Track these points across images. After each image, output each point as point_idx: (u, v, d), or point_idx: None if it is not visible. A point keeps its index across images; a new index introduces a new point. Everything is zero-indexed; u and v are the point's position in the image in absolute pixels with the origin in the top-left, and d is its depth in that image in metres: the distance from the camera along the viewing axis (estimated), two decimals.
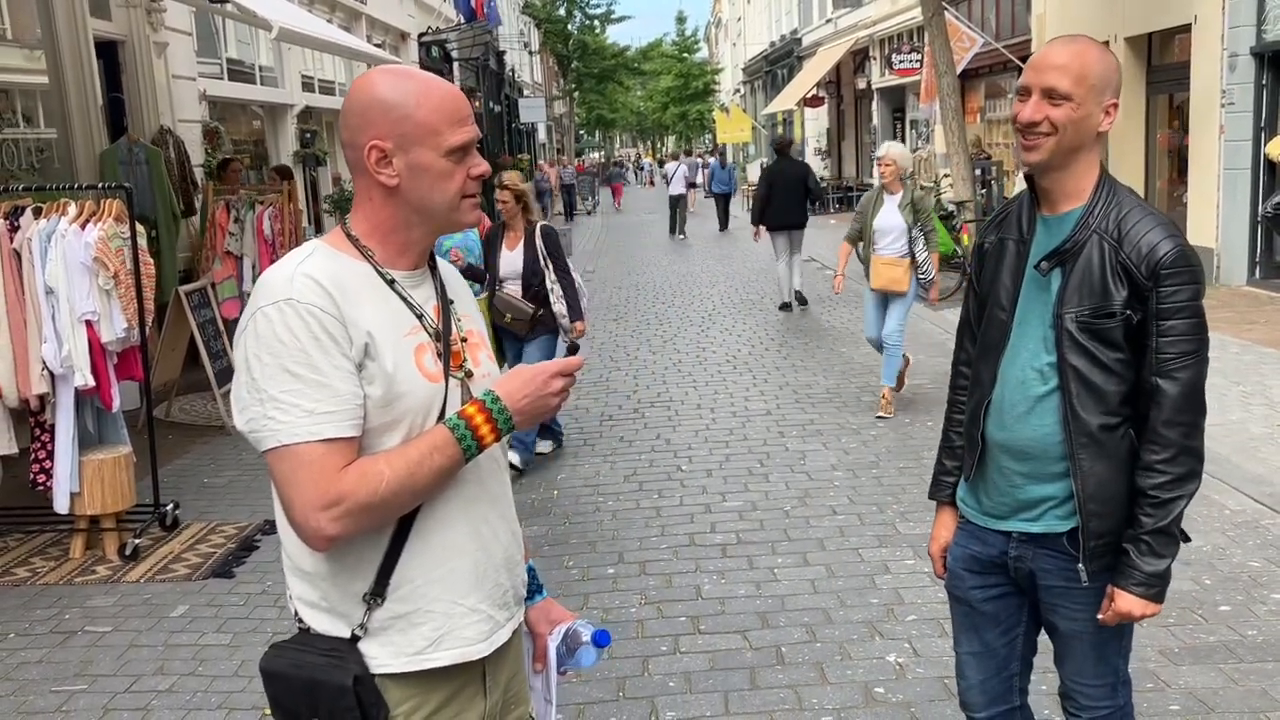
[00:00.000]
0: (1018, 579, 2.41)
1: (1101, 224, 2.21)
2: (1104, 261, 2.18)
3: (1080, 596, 2.32)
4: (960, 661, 2.57)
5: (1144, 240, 2.16)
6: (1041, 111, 2.17)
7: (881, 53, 25.67)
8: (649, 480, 6.43)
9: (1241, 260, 11.90)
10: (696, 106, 58.83)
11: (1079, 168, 2.24)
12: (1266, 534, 5.03)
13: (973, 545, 2.46)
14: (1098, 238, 2.20)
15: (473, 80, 25.99)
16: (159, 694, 4.04)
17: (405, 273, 1.84)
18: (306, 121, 14.71)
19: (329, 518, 1.65)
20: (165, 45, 9.71)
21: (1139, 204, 2.25)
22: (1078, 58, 2.17)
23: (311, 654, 1.77)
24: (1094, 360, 2.20)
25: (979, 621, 2.50)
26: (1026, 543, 2.35)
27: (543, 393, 1.80)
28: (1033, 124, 2.18)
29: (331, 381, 1.67)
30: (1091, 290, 2.19)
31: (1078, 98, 2.15)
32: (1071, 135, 2.18)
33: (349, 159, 1.82)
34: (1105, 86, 2.19)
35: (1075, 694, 2.43)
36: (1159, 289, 2.14)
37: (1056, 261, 2.23)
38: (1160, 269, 2.14)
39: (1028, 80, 2.21)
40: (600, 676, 3.99)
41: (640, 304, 13.92)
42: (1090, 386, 2.21)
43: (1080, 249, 2.21)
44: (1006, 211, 2.42)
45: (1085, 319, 2.19)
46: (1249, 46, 11.53)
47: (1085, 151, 2.22)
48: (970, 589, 2.48)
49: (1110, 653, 2.39)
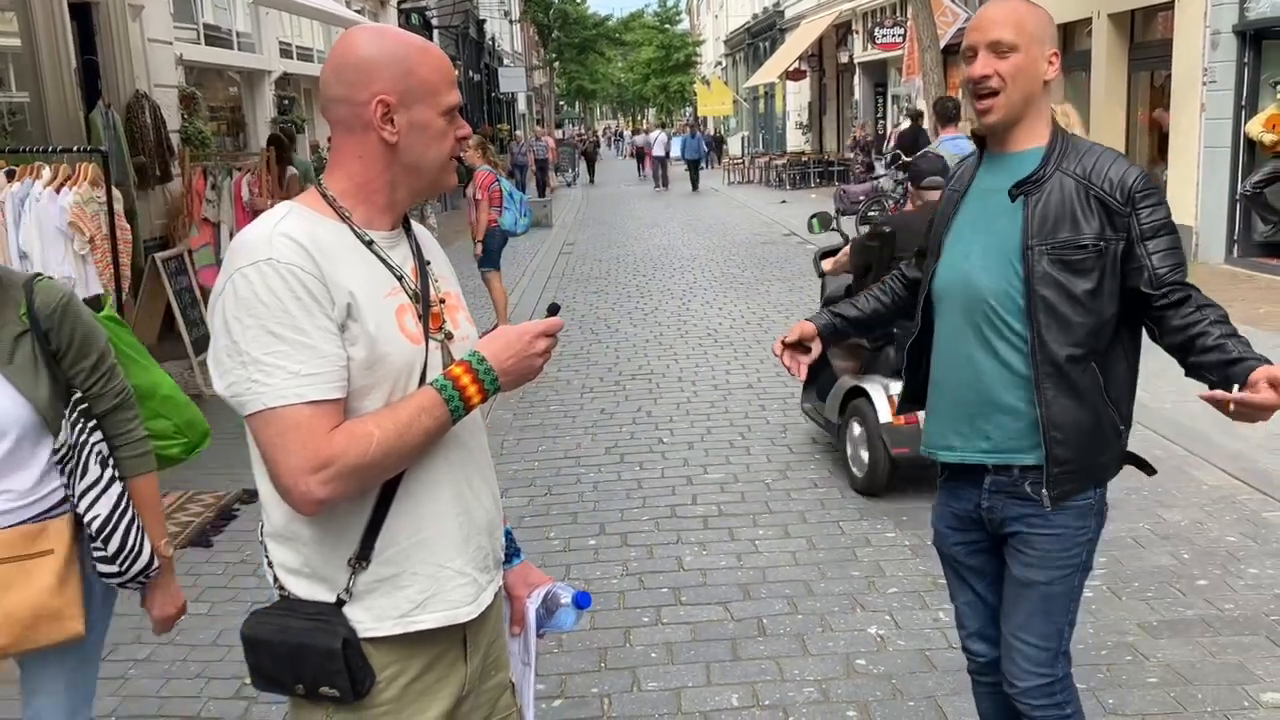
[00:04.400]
0: (992, 530, 2.48)
1: (1063, 163, 2.31)
2: (1072, 196, 2.28)
3: (1039, 542, 2.39)
4: (959, 611, 2.68)
5: (1111, 171, 2.28)
6: (990, 65, 2.27)
7: (864, 27, 25.59)
8: (630, 452, 6.42)
9: (1220, 238, 11.95)
10: (678, 78, 58.62)
11: (1030, 117, 2.33)
12: (1243, 509, 5.07)
13: (951, 503, 2.56)
14: (1061, 175, 2.30)
15: (452, 48, 25.75)
16: (136, 663, 4.00)
17: (383, 233, 1.81)
18: (284, 88, 14.53)
19: (318, 480, 1.62)
20: (140, 8, 9.54)
21: (1092, 144, 2.37)
22: (1013, 11, 2.29)
23: (296, 619, 1.75)
24: (1063, 291, 2.28)
25: (966, 575, 2.61)
26: (996, 493, 2.42)
27: (527, 353, 1.78)
28: (984, 78, 2.28)
29: (316, 342, 1.64)
30: (1060, 222, 2.28)
31: (1022, 46, 2.26)
32: (1021, 85, 2.28)
33: (339, 115, 1.78)
34: (1044, 36, 2.31)
35: (1016, 655, 2.45)
36: (1138, 211, 2.26)
37: (1021, 191, 2.31)
38: (1134, 193, 2.26)
39: (971, 40, 2.32)
40: (582, 647, 3.99)
41: (621, 277, 13.87)
42: (1058, 317, 2.28)
43: (1045, 181, 2.30)
44: (960, 168, 2.56)
45: (1056, 251, 2.27)
46: (1231, 24, 11.54)
47: (1035, 102, 2.32)
48: (953, 545, 2.59)
49: (1057, 610, 2.43)
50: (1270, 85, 11.22)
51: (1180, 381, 2.41)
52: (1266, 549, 4.62)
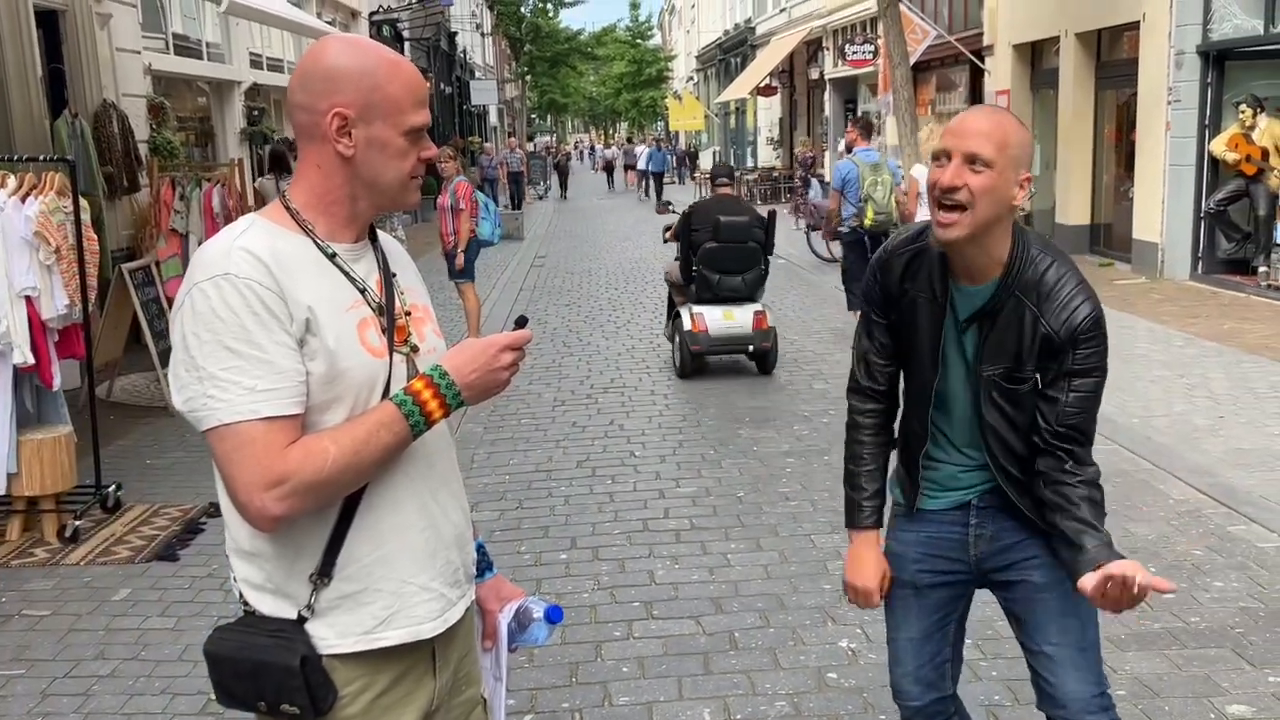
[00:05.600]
0: (976, 554, 2.41)
1: (1021, 286, 2.22)
2: (1023, 324, 2.22)
3: (1046, 544, 2.31)
4: (899, 649, 2.56)
5: (1064, 308, 2.20)
6: (962, 177, 2.13)
7: (835, 43, 25.77)
8: (602, 466, 6.41)
9: (1185, 255, 12.11)
10: (650, 93, 58.72)
11: (993, 240, 2.21)
12: (1209, 523, 5.13)
13: (927, 528, 2.46)
14: (1017, 300, 2.22)
15: (424, 60, 25.72)
16: (100, 679, 3.94)
17: (347, 246, 1.79)
18: (254, 99, 14.45)
19: (274, 497, 1.61)
20: (109, 17, 9.48)
21: (1055, 262, 2.25)
22: (999, 127, 2.16)
23: (257, 636, 1.73)
24: (1008, 421, 2.28)
25: (923, 606, 2.49)
26: (986, 509, 2.38)
27: (491, 366, 1.76)
28: (953, 189, 2.14)
29: (272, 358, 1.62)
30: (1005, 352, 2.25)
31: (999, 166, 2.13)
32: (988, 206, 2.14)
33: (300, 123, 1.76)
34: (1022, 159, 2.19)
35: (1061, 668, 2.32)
36: (1076, 351, 2.20)
37: (974, 321, 2.27)
38: (1079, 334, 2.19)
39: (948, 144, 2.17)
40: (553, 661, 3.96)
41: (593, 289, 13.87)
42: (1003, 442, 2.30)
43: (999, 311, 2.24)
44: (913, 259, 2.33)
45: (1000, 381, 2.26)
46: (1195, 45, 11.72)
47: (1000, 224, 2.20)
48: (918, 572, 2.48)
49: (1085, 611, 2.32)
50: (1233, 105, 11.40)
51: (1145, 397, 2.46)
52: (1231, 562, 4.67)
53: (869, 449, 2.50)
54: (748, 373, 8.72)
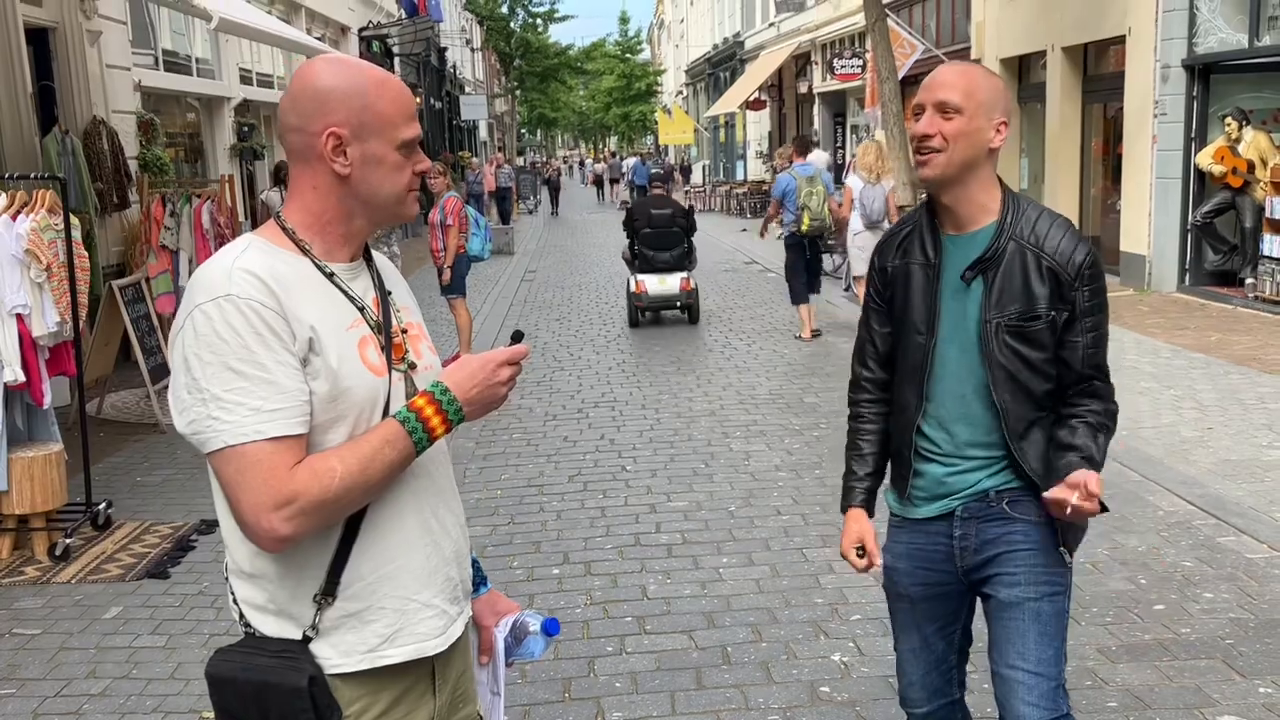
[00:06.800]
0: (962, 565, 2.44)
1: (1017, 232, 2.33)
2: (1027, 267, 2.31)
3: (1022, 558, 2.38)
4: (901, 658, 2.60)
5: (1063, 244, 2.32)
6: (934, 125, 2.28)
7: (823, 57, 25.90)
8: (594, 480, 6.41)
9: (1172, 267, 12.18)
10: (639, 107, 58.89)
11: (977, 184, 2.34)
12: (1198, 534, 5.15)
13: (916, 539, 2.50)
14: (1016, 245, 2.32)
15: (414, 76, 25.75)
16: (91, 698, 3.93)
17: (343, 265, 1.81)
18: (244, 114, 14.46)
19: (281, 518, 1.61)
20: (99, 34, 9.48)
21: (1044, 211, 2.39)
22: (965, 75, 2.32)
23: (261, 657, 1.73)
24: (1024, 361, 2.33)
25: (919, 616, 2.53)
26: (969, 519, 2.41)
27: (491, 382, 1.78)
28: (926, 136, 2.29)
29: (277, 378, 1.63)
30: (1015, 294, 2.32)
31: (968, 111, 2.27)
32: (963, 148, 2.28)
33: (294, 145, 1.77)
34: (994, 104, 2.31)
35: (1016, 690, 2.35)
36: (1084, 289, 2.32)
37: (979, 270, 2.33)
38: (1083, 270, 2.32)
39: (921, 98, 2.33)
40: (546, 677, 3.96)
41: (583, 304, 13.89)
42: (1020, 387, 2.34)
43: (1001, 256, 2.32)
44: (906, 234, 2.47)
45: (1014, 323, 2.32)
46: (1180, 58, 11.81)
47: (980, 168, 2.32)
48: (911, 585, 2.52)
49: (1050, 631, 2.36)
50: (1218, 118, 11.49)
51: (1134, 409, 2.49)
52: (1221, 573, 4.69)
53: (866, 438, 2.60)
54: (739, 387, 8.73)
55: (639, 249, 11.67)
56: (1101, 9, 13.08)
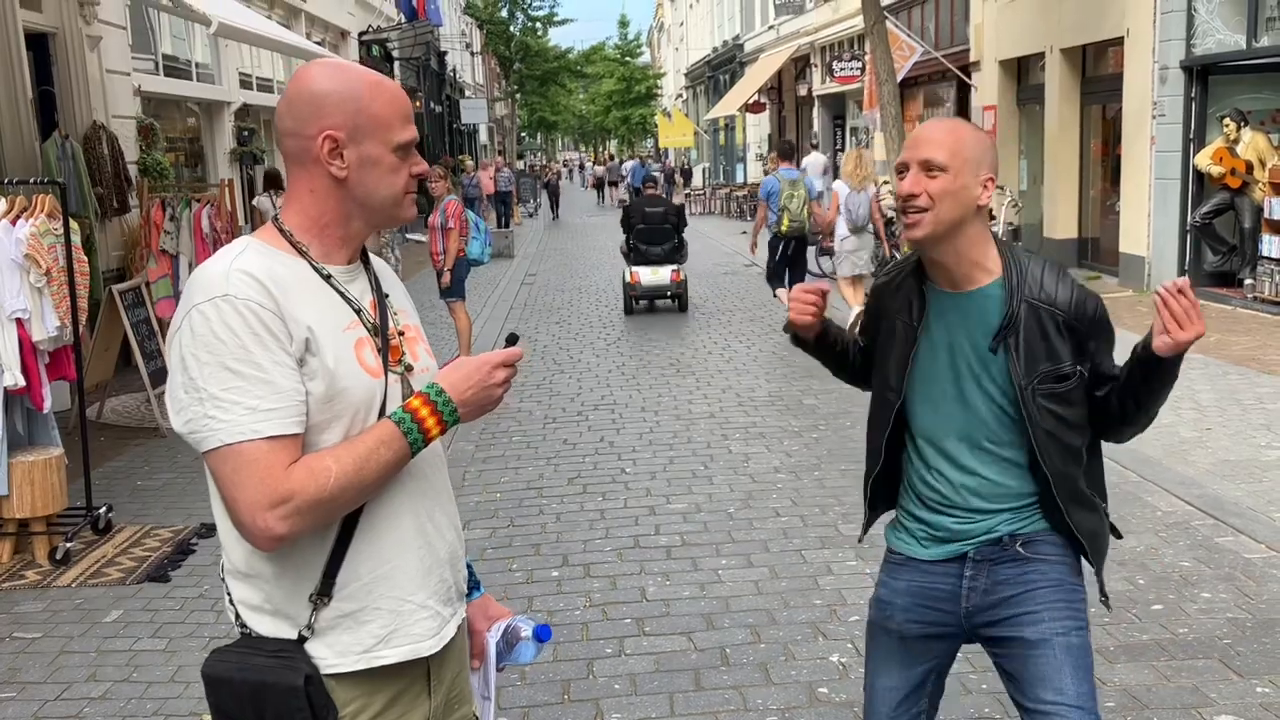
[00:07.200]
0: (968, 605, 2.37)
1: (1027, 292, 2.28)
2: (1044, 325, 2.27)
3: (1042, 595, 2.31)
4: (874, 694, 2.50)
5: (1076, 298, 2.30)
6: (920, 184, 2.23)
7: (823, 60, 25.92)
8: (593, 483, 6.42)
9: (1172, 268, 12.18)
10: (639, 110, 58.91)
11: (968, 241, 2.28)
12: (1196, 535, 5.16)
13: (917, 578, 2.42)
14: (1030, 306, 2.27)
15: (414, 80, 25.79)
16: (91, 701, 3.94)
17: (341, 267, 1.82)
18: (244, 119, 14.48)
19: (277, 516, 1.62)
20: (99, 39, 9.50)
21: (1045, 263, 2.35)
22: (951, 133, 2.28)
23: (258, 657, 1.74)
24: (1064, 422, 2.29)
25: (905, 655, 2.45)
26: (981, 562, 2.35)
27: (486, 383, 1.79)
28: (912, 196, 2.24)
29: (273, 378, 1.64)
30: (1041, 356, 2.27)
31: (953, 169, 2.22)
32: (950, 207, 2.23)
33: (290, 149, 1.79)
34: (980, 161, 2.26)
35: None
36: (1099, 337, 2.33)
37: (1001, 339, 2.28)
38: (1094, 319, 2.31)
39: (905, 157, 2.28)
40: (545, 679, 3.97)
41: (583, 307, 13.90)
42: (1066, 448, 2.31)
43: (1019, 320, 2.27)
44: (899, 280, 2.44)
45: (1048, 385, 2.27)
46: (1179, 60, 11.82)
47: (969, 225, 2.27)
48: (906, 622, 2.43)
49: (1083, 665, 2.30)
50: (1217, 119, 11.50)
51: None
52: (1219, 573, 4.70)
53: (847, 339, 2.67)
54: (739, 389, 8.75)
55: (634, 243, 12.71)
56: (1100, 10, 13.09)
